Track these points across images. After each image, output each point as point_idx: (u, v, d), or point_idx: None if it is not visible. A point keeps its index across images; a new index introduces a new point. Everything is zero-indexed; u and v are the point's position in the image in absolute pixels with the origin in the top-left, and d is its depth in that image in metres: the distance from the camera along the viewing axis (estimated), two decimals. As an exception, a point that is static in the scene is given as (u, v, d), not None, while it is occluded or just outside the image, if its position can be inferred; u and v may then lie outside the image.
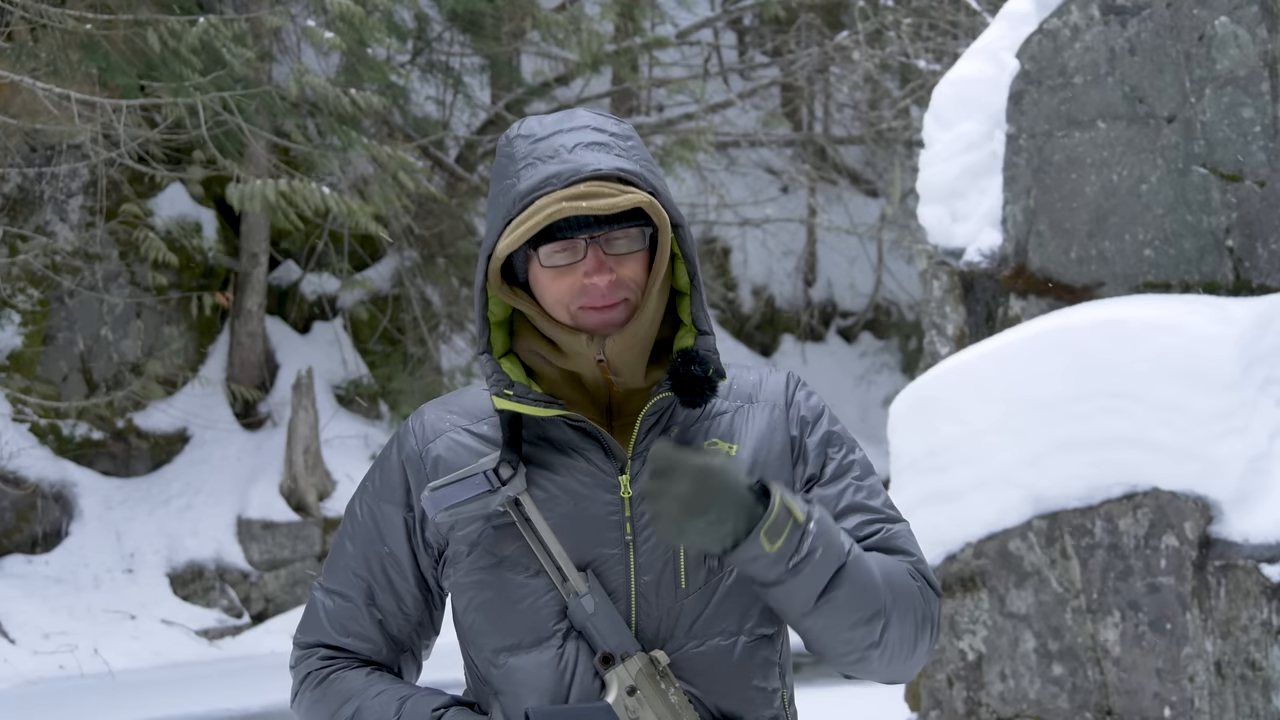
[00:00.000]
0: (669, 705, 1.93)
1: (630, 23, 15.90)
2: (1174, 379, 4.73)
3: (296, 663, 2.11)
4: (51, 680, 10.74)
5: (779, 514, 1.86)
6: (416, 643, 2.12)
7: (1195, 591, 4.64)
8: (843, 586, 1.91)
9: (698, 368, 2.00)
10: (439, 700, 2.02)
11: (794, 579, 1.89)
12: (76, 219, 13.12)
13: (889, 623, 1.96)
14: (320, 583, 2.11)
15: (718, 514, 1.84)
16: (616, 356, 2.00)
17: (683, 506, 1.83)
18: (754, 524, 1.86)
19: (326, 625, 2.09)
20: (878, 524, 2.05)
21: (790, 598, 1.91)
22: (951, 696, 5.20)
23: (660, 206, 1.99)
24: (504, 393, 2.00)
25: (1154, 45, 5.36)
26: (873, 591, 1.94)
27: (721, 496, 1.84)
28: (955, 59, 9.92)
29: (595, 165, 1.96)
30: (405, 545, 2.06)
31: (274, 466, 13.26)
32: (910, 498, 5.27)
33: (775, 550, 1.86)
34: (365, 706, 2.03)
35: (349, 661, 2.08)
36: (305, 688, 2.09)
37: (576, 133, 2.01)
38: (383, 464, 2.10)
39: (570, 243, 1.97)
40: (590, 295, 1.97)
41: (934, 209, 6.06)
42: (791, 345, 18.82)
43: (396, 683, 2.07)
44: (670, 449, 1.84)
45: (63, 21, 10.35)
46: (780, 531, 1.86)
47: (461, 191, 15.37)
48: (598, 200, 1.94)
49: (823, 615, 1.93)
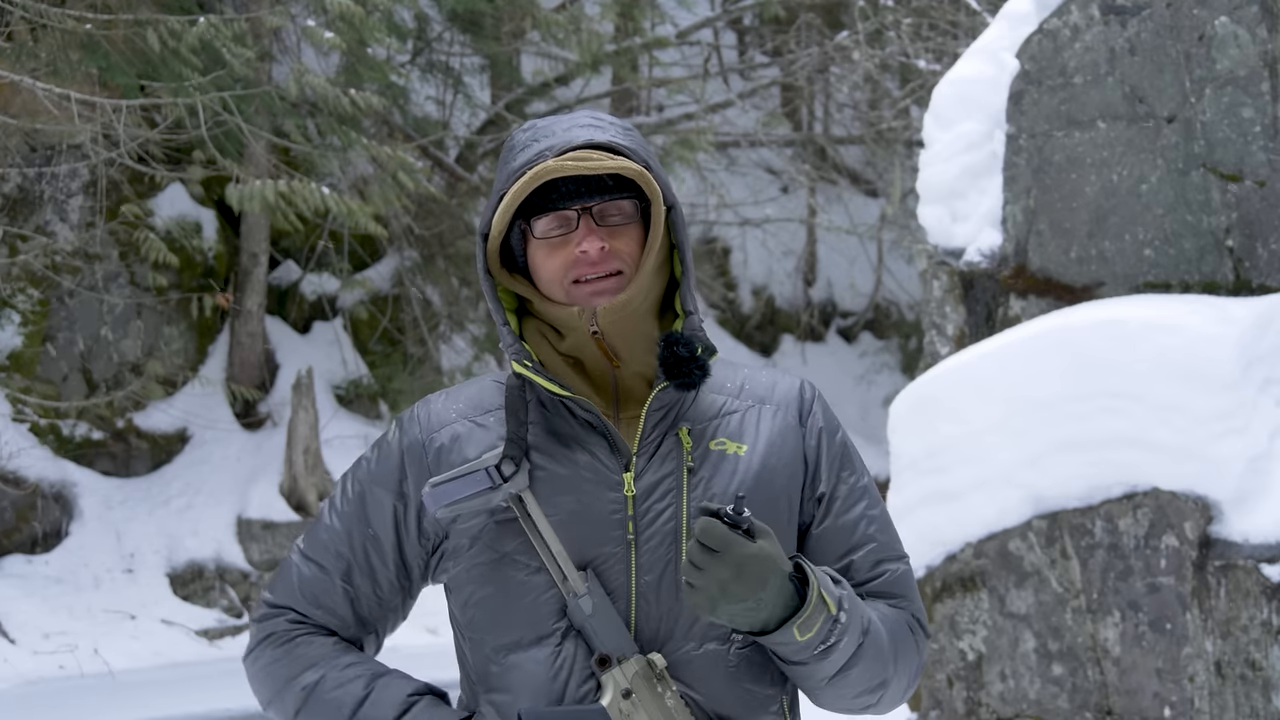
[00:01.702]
0: (664, 709, 1.93)
1: (630, 23, 15.90)
2: (1174, 379, 4.73)
3: (262, 619, 2.10)
4: (51, 680, 10.73)
5: (815, 607, 1.89)
6: (383, 624, 2.11)
7: (1195, 591, 4.64)
8: (858, 665, 1.96)
9: (682, 348, 1.99)
10: (412, 686, 2.02)
11: (818, 663, 1.93)
12: (76, 219, 13.11)
13: (889, 688, 2.02)
14: (299, 546, 2.10)
15: (755, 602, 1.85)
16: (610, 327, 1.99)
17: (722, 590, 1.84)
18: (789, 611, 1.88)
19: (298, 591, 2.07)
20: (886, 564, 2.08)
21: (809, 676, 1.96)
22: (951, 696, 5.19)
23: (652, 180, 1.99)
24: (524, 363, 2.00)
25: (1154, 45, 5.36)
26: (882, 663, 1.99)
27: (763, 585, 1.85)
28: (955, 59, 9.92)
29: (587, 137, 1.99)
30: (391, 531, 2.05)
31: (274, 466, 13.25)
32: (910, 498, 5.27)
33: (805, 640, 1.89)
34: (329, 676, 2.02)
35: (316, 630, 2.07)
36: (267, 644, 2.07)
37: (574, 118, 2.05)
38: (382, 446, 2.09)
39: (563, 214, 1.98)
40: (581, 265, 1.98)
41: (934, 209, 6.05)
42: (791, 345, 18.81)
43: (365, 659, 2.06)
44: (721, 530, 1.84)
45: (63, 21, 10.35)
46: (813, 625, 1.89)
47: (461, 191, 15.37)
48: (586, 163, 1.95)
49: (836, 687, 1.98)
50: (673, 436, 2.01)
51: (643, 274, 2.00)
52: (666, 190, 2.02)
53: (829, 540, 2.06)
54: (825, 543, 2.06)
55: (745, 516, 1.86)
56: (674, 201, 2.04)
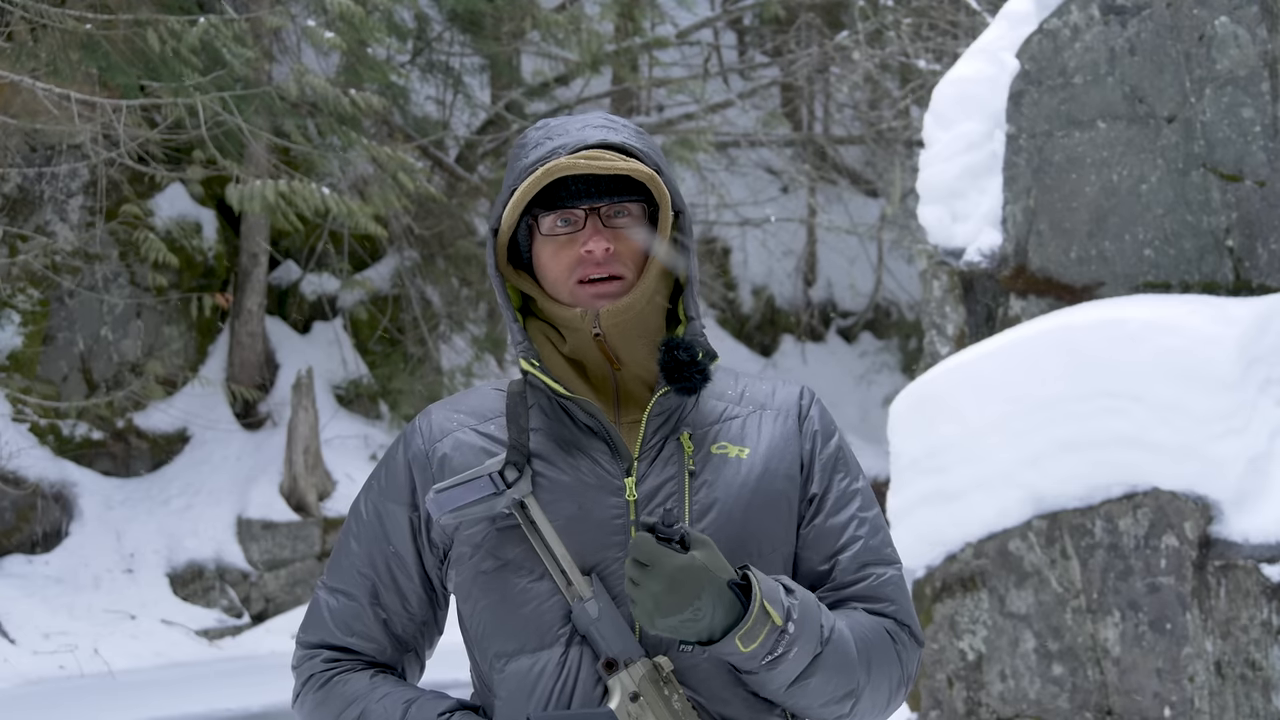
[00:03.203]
0: (672, 711, 1.92)
1: (630, 23, 15.90)
2: (1174, 379, 4.73)
3: (299, 663, 2.10)
4: (51, 680, 10.73)
5: (756, 618, 1.87)
6: (420, 642, 2.11)
7: (1195, 591, 4.64)
8: (817, 674, 1.94)
9: (683, 353, 2.00)
10: (444, 705, 2.01)
11: (768, 673, 1.91)
12: (76, 219, 13.12)
13: (860, 698, 1.99)
14: (324, 581, 2.10)
15: (693, 613, 1.84)
16: (612, 329, 2.00)
17: (656, 604, 1.84)
18: (732, 620, 1.87)
19: (330, 624, 2.07)
20: (873, 567, 2.06)
21: (762, 685, 1.94)
22: (951, 696, 5.19)
23: (662, 185, 2.00)
24: (531, 361, 2.01)
25: (1154, 45, 5.36)
26: (847, 673, 1.97)
27: (696, 596, 1.84)
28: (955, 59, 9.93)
29: (601, 137, 2.00)
30: (410, 544, 2.05)
31: (274, 466, 13.26)
32: (910, 498, 5.27)
33: (749, 651, 1.88)
34: (369, 710, 2.01)
35: (353, 664, 2.07)
36: (308, 690, 2.08)
37: (588, 118, 2.05)
38: (388, 463, 2.10)
39: (570, 212, 1.99)
40: (586, 265, 1.99)
41: (934, 209, 6.06)
42: (791, 345, 18.81)
43: (400, 685, 2.05)
44: (651, 544, 1.84)
45: (63, 21, 10.35)
46: (756, 635, 1.88)
47: (461, 191, 15.37)
48: (600, 162, 1.96)
49: (795, 696, 1.96)
50: (674, 441, 2.01)
51: (646, 278, 2.00)
52: (675, 195, 2.03)
53: (817, 541, 2.06)
54: (814, 543, 2.06)
55: (677, 528, 1.85)
56: (682, 206, 2.04)
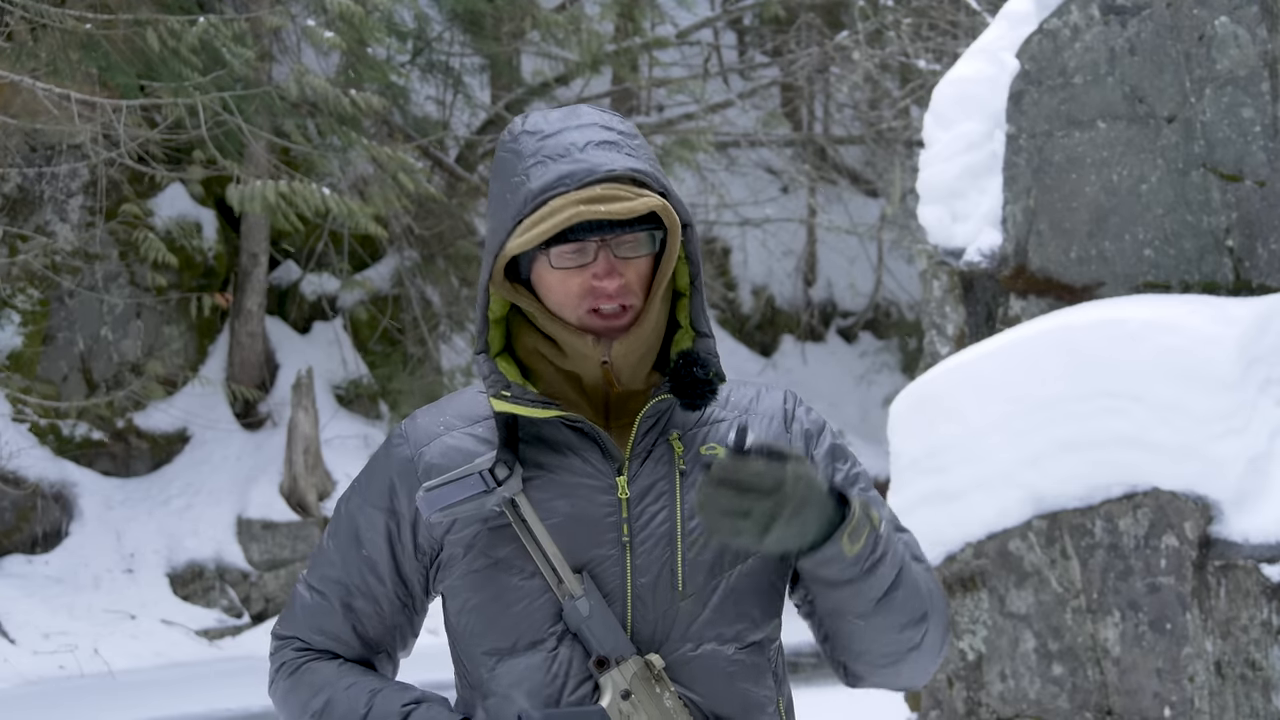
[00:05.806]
0: (664, 709, 1.92)
1: (630, 23, 15.90)
2: (1174, 379, 4.73)
3: (273, 652, 2.13)
4: (51, 680, 10.74)
5: (860, 518, 1.90)
6: (392, 645, 2.11)
7: (1195, 591, 4.64)
8: (901, 588, 1.97)
9: (699, 370, 2.00)
10: (409, 695, 2.02)
11: (865, 580, 1.93)
12: (76, 219, 13.12)
13: (930, 625, 2.01)
14: (304, 576, 2.12)
15: (805, 520, 1.85)
16: (621, 359, 1.99)
17: (772, 519, 1.82)
18: (832, 526, 1.89)
19: (302, 621, 2.09)
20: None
21: (857, 597, 1.95)
22: (951, 696, 5.19)
23: (672, 210, 1.99)
24: (501, 394, 1.99)
25: (1154, 45, 5.36)
26: (921, 595, 2.00)
27: (814, 503, 1.86)
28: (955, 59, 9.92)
29: (609, 165, 1.96)
30: (385, 550, 2.05)
31: (274, 466, 13.26)
32: (910, 498, 5.27)
33: (854, 554, 1.90)
34: (335, 698, 2.03)
35: (321, 654, 2.09)
36: (279, 676, 2.11)
37: (585, 130, 2.00)
38: (371, 467, 2.10)
39: (582, 244, 1.96)
40: (598, 296, 1.97)
41: (934, 209, 6.05)
42: (791, 345, 18.81)
43: (368, 674, 2.06)
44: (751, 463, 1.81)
45: (63, 21, 10.35)
46: (860, 535, 1.90)
47: (461, 191, 15.37)
48: (615, 204, 1.93)
49: (880, 614, 1.97)
50: (664, 442, 2.02)
51: (654, 301, 2.00)
52: (683, 213, 2.01)
53: None
54: None
55: (760, 444, 1.83)
56: (689, 220, 2.03)
